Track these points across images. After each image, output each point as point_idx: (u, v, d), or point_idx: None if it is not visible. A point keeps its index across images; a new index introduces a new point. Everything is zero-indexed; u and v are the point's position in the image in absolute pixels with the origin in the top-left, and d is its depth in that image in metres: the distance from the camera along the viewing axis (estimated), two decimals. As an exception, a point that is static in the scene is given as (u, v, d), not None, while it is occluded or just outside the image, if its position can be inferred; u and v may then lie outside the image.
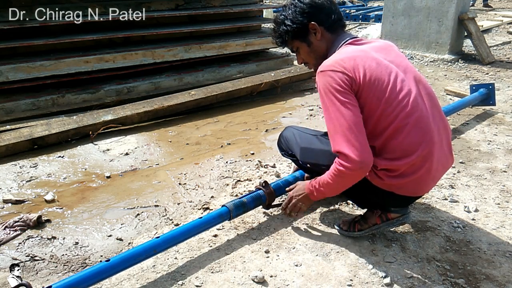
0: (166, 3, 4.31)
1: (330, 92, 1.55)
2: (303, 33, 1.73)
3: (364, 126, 1.63)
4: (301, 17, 1.71)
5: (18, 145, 2.80)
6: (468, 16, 5.14)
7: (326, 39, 1.73)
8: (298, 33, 1.73)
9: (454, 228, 1.97)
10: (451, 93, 4.03)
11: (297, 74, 4.20)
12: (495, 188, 2.33)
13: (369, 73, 1.55)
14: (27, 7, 3.53)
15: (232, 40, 4.50)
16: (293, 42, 1.78)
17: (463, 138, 3.01)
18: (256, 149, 2.89)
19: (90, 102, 3.60)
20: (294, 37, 1.75)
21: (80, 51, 3.74)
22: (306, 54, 1.78)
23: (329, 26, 1.72)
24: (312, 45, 1.73)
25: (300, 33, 1.73)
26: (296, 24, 1.71)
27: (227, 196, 2.27)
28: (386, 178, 1.61)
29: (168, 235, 1.69)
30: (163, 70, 4.19)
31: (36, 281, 1.68)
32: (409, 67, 1.66)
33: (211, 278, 1.66)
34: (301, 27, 1.71)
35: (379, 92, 1.55)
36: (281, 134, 2.13)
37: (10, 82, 3.37)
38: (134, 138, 3.09)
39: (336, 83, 1.54)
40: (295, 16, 1.71)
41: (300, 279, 1.65)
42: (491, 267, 1.73)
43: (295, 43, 1.77)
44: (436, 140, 1.59)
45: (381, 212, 1.80)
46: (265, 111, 3.71)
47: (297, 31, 1.72)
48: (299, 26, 1.71)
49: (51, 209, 2.18)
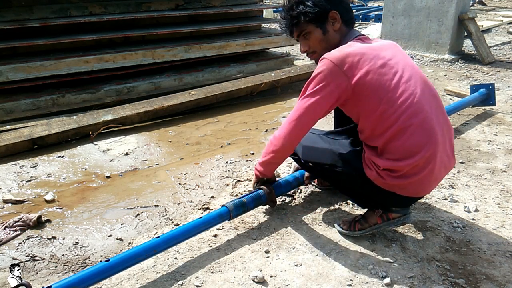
0: (166, 3, 4.31)
1: (318, 79, 1.62)
2: (322, 19, 1.69)
3: (363, 126, 1.64)
4: (325, 2, 1.68)
5: (18, 145, 2.81)
6: (468, 16, 5.14)
7: (341, 32, 1.72)
8: (316, 17, 1.68)
9: (454, 228, 1.97)
10: (451, 93, 4.03)
11: (297, 74, 4.20)
12: (495, 188, 2.33)
13: (372, 72, 1.55)
14: (27, 7, 3.54)
15: (232, 40, 4.50)
16: (307, 26, 1.71)
17: (463, 138, 3.01)
18: (256, 149, 2.89)
19: (90, 102, 3.60)
20: (311, 21, 1.70)
21: (80, 51, 3.74)
22: (317, 41, 1.73)
23: (347, 20, 1.72)
24: (327, 33, 1.71)
25: (318, 18, 1.69)
26: (317, 8, 1.67)
27: (227, 196, 2.27)
28: (388, 178, 1.61)
29: (168, 235, 1.69)
30: (163, 70, 4.19)
31: (36, 281, 1.68)
32: (415, 68, 1.66)
33: (211, 278, 1.66)
34: (322, 12, 1.68)
35: (381, 92, 1.55)
36: None
37: (10, 82, 3.37)
38: (134, 138, 3.09)
39: (327, 75, 1.57)
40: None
41: (300, 279, 1.65)
42: (491, 267, 1.73)
43: (309, 27, 1.71)
44: (440, 142, 1.59)
45: (382, 212, 1.80)
46: (265, 111, 3.71)
47: (316, 15, 1.68)
48: (320, 10, 1.67)
49: (51, 209, 2.18)
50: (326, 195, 2.24)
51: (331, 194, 2.24)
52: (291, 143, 1.75)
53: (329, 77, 1.56)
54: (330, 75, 1.56)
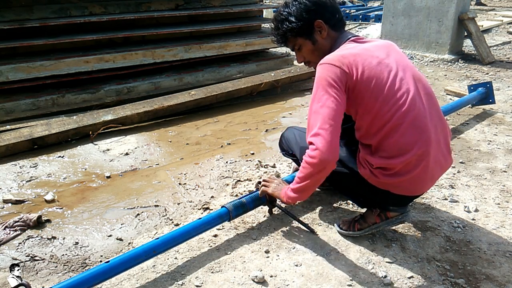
0: (166, 3, 4.31)
1: (323, 83, 1.56)
2: (308, 31, 1.70)
3: (360, 124, 1.64)
4: (306, 15, 1.68)
5: (18, 145, 2.81)
6: (468, 16, 5.14)
7: (330, 37, 1.72)
8: (302, 31, 1.70)
9: (454, 228, 1.97)
10: (451, 93, 4.03)
11: (297, 74, 4.20)
12: (495, 188, 2.33)
13: (368, 70, 1.56)
14: (27, 7, 3.53)
15: (232, 40, 4.50)
16: (296, 40, 1.75)
17: (463, 138, 3.01)
18: (256, 149, 2.89)
19: (90, 102, 3.60)
20: (298, 35, 1.72)
21: (80, 51, 3.74)
22: (309, 52, 1.75)
23: (333, 24, 1.72)
24: (317, 43, 1.72)
25: (304, 31, 1.70)
26: (301, 21, 1.69)
27: (227, 196, 2.27)
28: (381, 176, 1.61)
29: (168, 236, 1.69)
30: (163, 70, 4.19)
31: (36, 281, 1.68)
32: (409, 66, 1.66)
33: (211, 278, 1.66)
34: (306, 25, 1.69)
35: (377, 90, 1.56)
36: (282, 134, 2.14)
37: (10, 82, 3.37)
38: (134, 138, 3.09)
39: (331, 77, 1.55)
40: (299, 13, 1.69)
41: (300, 279, 1.65)
42: (491, 267, 1.73)
43: (298, 40, 1.74)
44: (433, 140, 1.59)
45: (380, 211, 1.80)
46: (265, 111, 3.71)
47: (302, 29, 1.70)
48: (304, 23, 1.69)
49: (51, 209, 2.18)
50: (326, 195, 2.24)
51: (331, 194, 2.24)
52: (337, 151, 1.52)
53: (334, 76, 1.55)
54: (334, 75, 1.56)
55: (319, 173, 1.55)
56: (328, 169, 1.54)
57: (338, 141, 1.52)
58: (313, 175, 1.56)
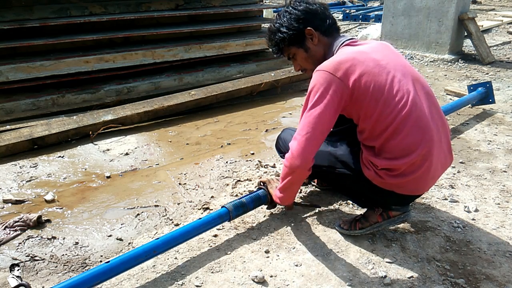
0: (166, 3, 4.31)
1: (315, 90, 1.59)
2: (300, 39, 1.74)
3: (363, 127, 1.64)
4: (296, 24, 1.72)
5: (18, 145, 2.81)
6: (468, 16, 5.14)
7: (323, 44, 1.74)
8: (294, 40, 1.74)
9: (454, 228, 1.97)
10: (451, 93, 4.03)
11: (297, 74, 4.20)
12: (495, 188, 2.33)
13: (366, 75, 1.56)
14: (27, 7, 3.54)
15: (232, 40, 4.50)
16: (290, 49, 1.78)
17: (463, 138, 3.01)
18: (256, 149, 2.89)
19: (90, 102, 3.60)
20: (291, 44, 1.76)
21: (80, 51, 3.74)
22: (303, 60, 1.79)
23: (325, 30, 1.74)
24: (309, 50, 1.75)
25: (296, 39, 1.74)
26: (292, 31, 1.72)
27: (227, 196, 2.27)
28: (386, 177, 1.62)
29: (168, 236, 1.69)
30: (163, 70, 4.19)
31: (36, 281, 1.68)
32: (407, 67, 1.66)
33: (211, 278, 1.66)
34: (297, 33, 1.72)
35: (377, 93, 1.56)
36: (279, 136, 2.13)
37: (10, 82, 3.38)
38: (134, 138, 3.09)
39: (323, 85, 1.57)
40: (290, 23, 1.73)
41: (300, 279, 1.65)
42: (491, 267, 1.73)
43: (291, 49, 1.78)
44: (435, 139, 1.60)
45: (383, 210, 1.80)
46: (265, 111, 3.71)
47: (293, 37, 1.73)
48: (295, 32, 1.72)
49: (51, 209, 2.18)
50: (326, 195, 2.24)
51: (331, 194, 2.24)
52: (307, 159, 1.62)
53: (326, 85, 1.57)
54: (326, 83, 1.57)
55: (292, 175, 1.69)
56: (298, 173, 1.68)
57: (314, 148, 1.62)
58: (288, 176, 1.71)
